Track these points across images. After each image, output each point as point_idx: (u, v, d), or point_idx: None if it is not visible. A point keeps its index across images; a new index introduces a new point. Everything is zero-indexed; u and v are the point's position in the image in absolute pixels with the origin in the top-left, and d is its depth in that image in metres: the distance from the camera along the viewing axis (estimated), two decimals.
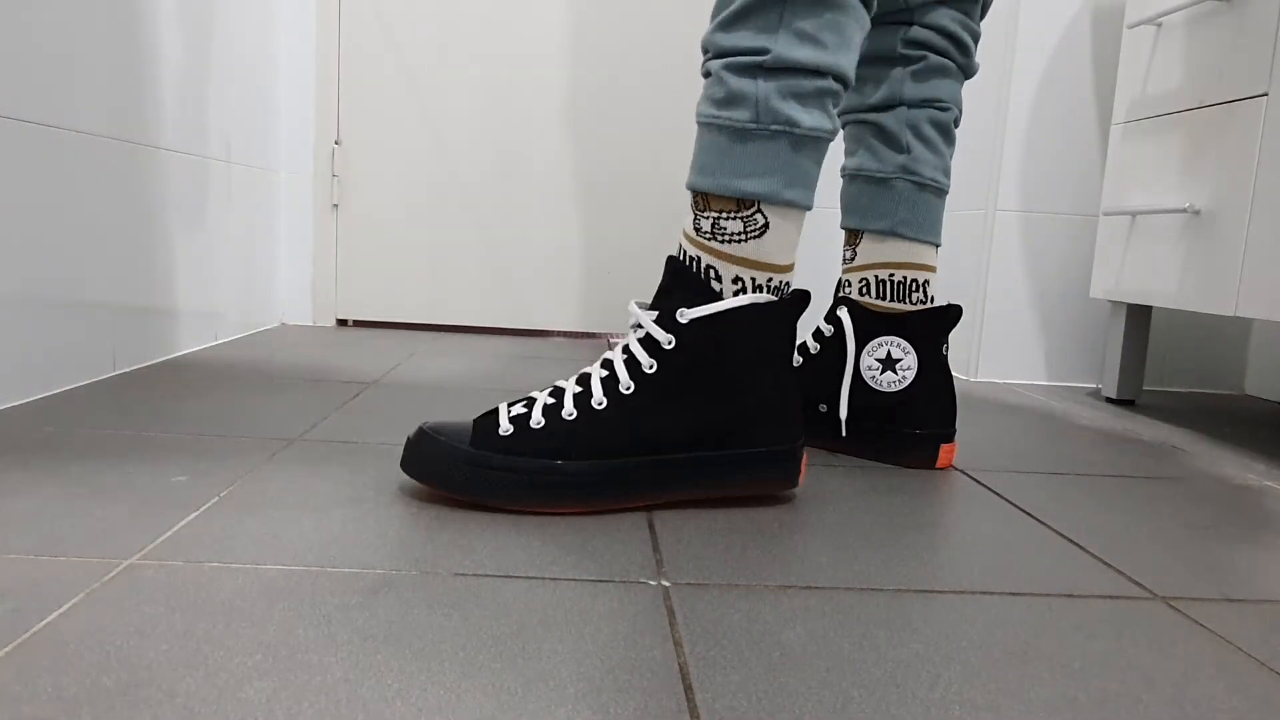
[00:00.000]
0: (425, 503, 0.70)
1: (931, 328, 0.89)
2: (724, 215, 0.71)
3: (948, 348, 0.91)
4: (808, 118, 0.69)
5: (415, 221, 1.80)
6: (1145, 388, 1.58)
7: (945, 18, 0.90)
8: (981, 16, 0.93)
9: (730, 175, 0.70)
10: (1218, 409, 1.40)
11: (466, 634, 0.48)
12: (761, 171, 0.70)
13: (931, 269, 0.93)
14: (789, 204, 0.71)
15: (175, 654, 0.44)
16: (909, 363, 0.89)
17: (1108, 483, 0.89)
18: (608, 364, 0.72)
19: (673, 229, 1.83)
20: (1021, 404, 1.33)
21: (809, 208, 0.74)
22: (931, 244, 0.93)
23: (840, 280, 0.96)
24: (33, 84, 0.95)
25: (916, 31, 0.90)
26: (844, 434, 0.92)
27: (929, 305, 0.92)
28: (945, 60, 0.91)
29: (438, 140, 1.79)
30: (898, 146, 0.91)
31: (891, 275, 0.92)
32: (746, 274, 0.72)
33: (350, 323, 1.84)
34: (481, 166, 1.80)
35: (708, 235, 0.72)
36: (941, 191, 0.93)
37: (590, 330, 1.85)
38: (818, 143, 0.71)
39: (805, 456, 0.78)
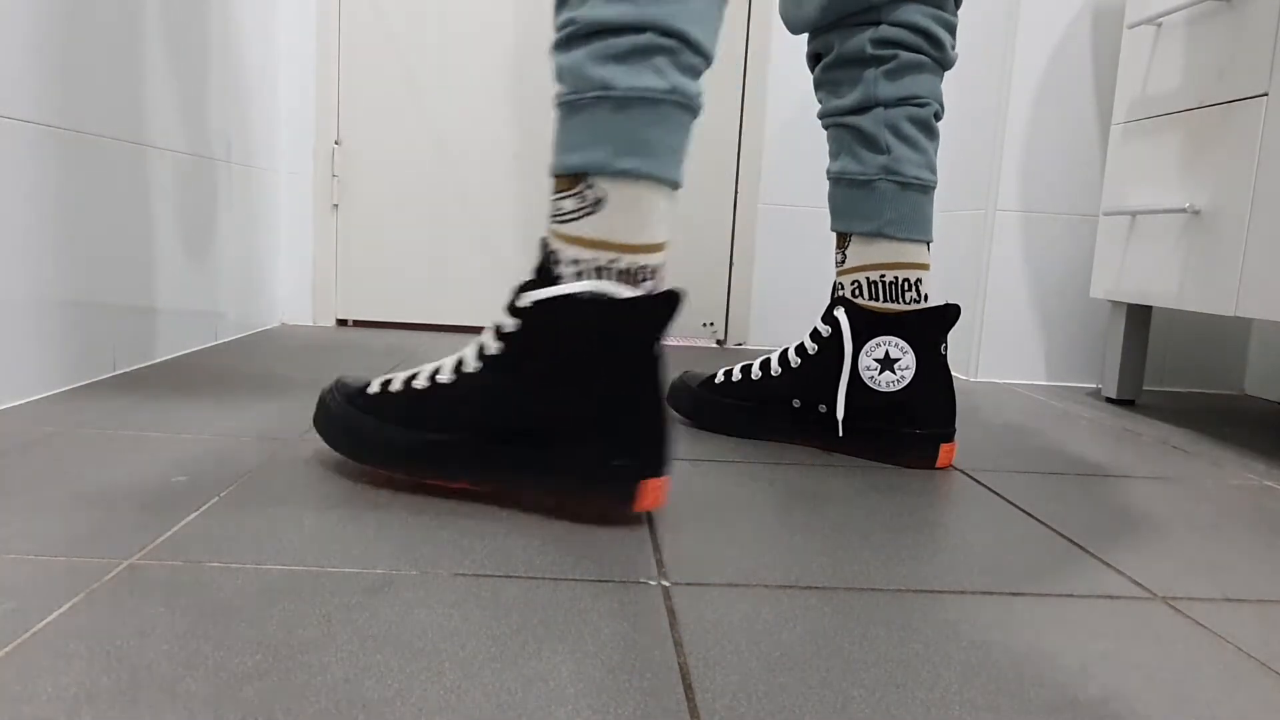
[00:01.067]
0: (425, 503, 0.70)
1: (930, 327, 0.89)
2: (561, 195, 0.68)
3: (947, 347, 0.91)
4: (626, 78, 0.64)
5: (415, 221, 1.80)
6: (1145, 388, 1.58)
7: (915, 13, 0.89)
8: (957, 5, 0.92)
9: (560, 151, 0.67)
10: (1218, 409, 1.40)
11: (466, 634, 0.48)
12: (586, 142, 0.65)
13: (923, 266, 0.92)
14: (624, 174, 0.65)
15: (175, 654, 0.44)
16: (907, 362, 0.89)
17: (1108, 483, 0.89)
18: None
19: (672, 229, 1.83)
20: (1021, 404, 1.33)
21: (663, 179, 0.67)
22: (921, 242, 0.92)
23: (835, 283, 0.96)
24: (32, 84, 0.95)
25: (885, 30, 0.89)
26: (842, 434, 0.92)
27: (924, 304, 0.92)
28: (919, 56, 0.90)
29: (438, 140, 1.79)
30: (877, 148, 0.91)
31: (883, 276, 0.91)
32: (585, 254, 0.66)
33: (350, 323, 1.84)
34: (481, 166, 1.80)
35: (551, 217, 0.69)
36: (927, 188, 0.92)
37: None
38: (651, 105, 0.65)
39: (661, 482, 0.68)
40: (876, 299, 0.92)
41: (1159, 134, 1.25)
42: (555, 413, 0.67)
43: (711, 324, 1.88)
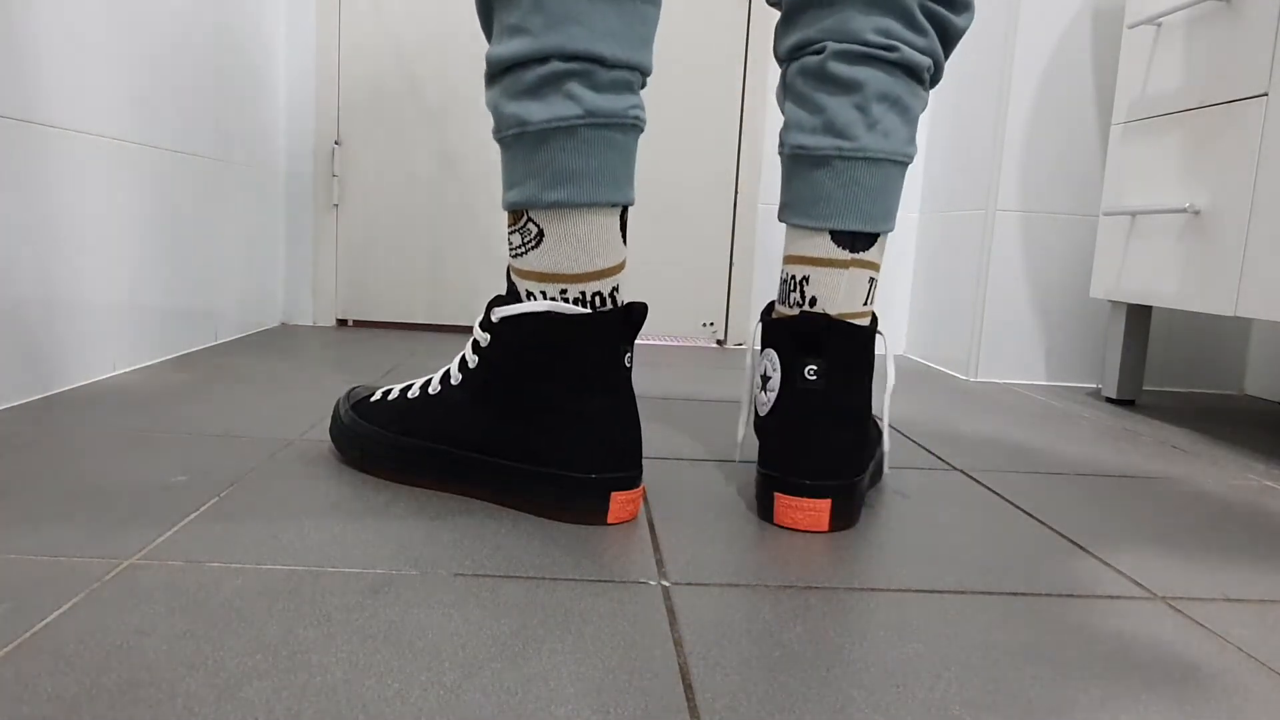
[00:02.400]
0: (425, 503, 0.70)
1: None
2: (510, 229, 0.69)
3: (818, 371, 0.69)
4: (539, 111, 0.64)
5: (415, 221, 1.80)
6: (1145, 388, 1.58)
7: None
8: None
9: (503, 188, 0.69)
10: (1218, 409, 1.40)
11: (466, 634, 0.48)
12: (519, 178, 0.66)
13: (815, 262, 0.72)
14: (555, 205, 0.65)
15: (175, 654, 0.44)
16: (776, 383, 0.71)
17: (1108, 483, 0.89)
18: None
19: (671, 229, 1.83)
20: (1021, 404, 1.33)
21: (598, 203, 0.66)
22: (812, 229, 0.72)
23: None
24: (32, 83, 0.95)
25: None
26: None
27: (806, 310, 0.73)
28: None
29: (438, 140, 1.79)
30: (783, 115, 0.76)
31: (783, 272, 0.75)
32: (537, 287, 0.67)
33: (350, 323, 1.84)
34: (481, 166, 1.80)
35: (509, 252, 0.70)
36: (817, 158, 0.71)
37: None
38: (568, 133, 0.64)
39: (632, 494, 0.68)
40: (783, 301, 0.75)
41: (1159, 134, 1.25)
42: (524, 427, 0.68)
43: (711, 324, 1.88)
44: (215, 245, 1.44)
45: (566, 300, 0.67)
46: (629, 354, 0.68)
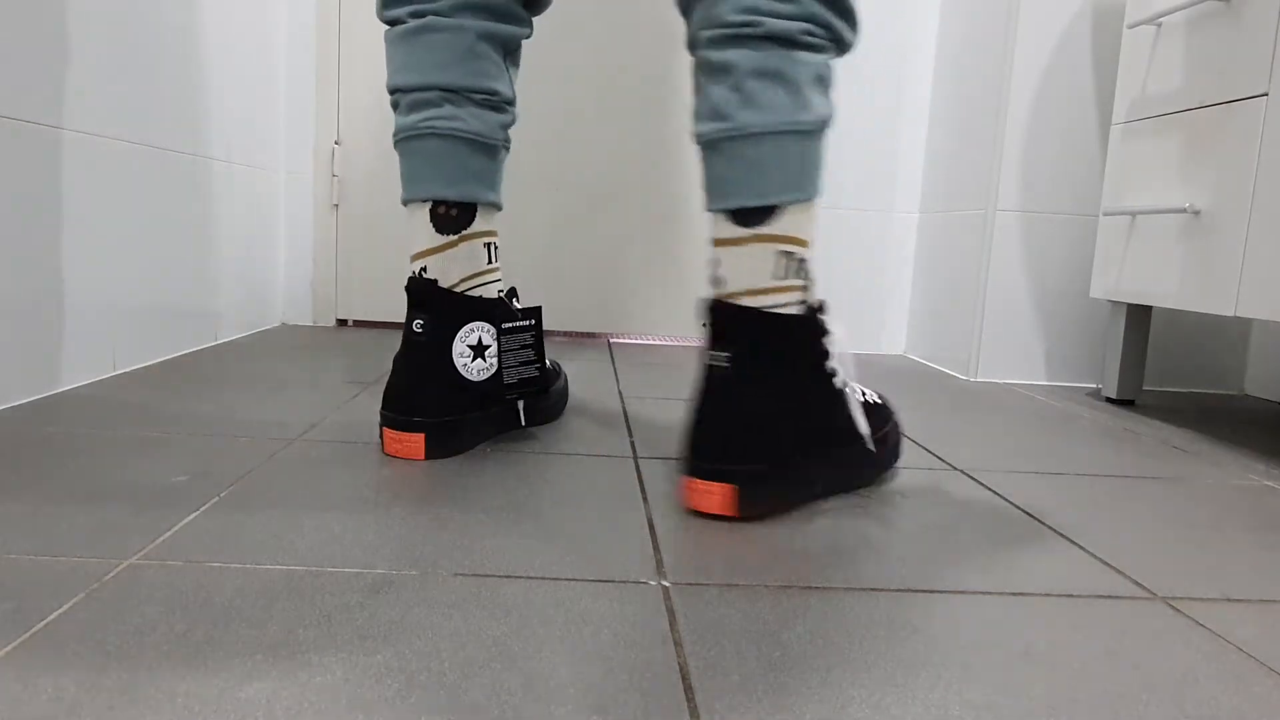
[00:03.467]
0: (425, 503, 0.70)
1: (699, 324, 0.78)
2: None
3: (720, 356, 0.70)
4: (397, 126, 0.87)
5: None
6: (1145, 388, 1.58)
7: None
8: None
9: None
10: (1218, 409, 1.40)
11: (466, 634, 0.48)
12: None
13: (720, 242, 0.74)
14: (407, 202, 0.87)
15: (175, 654, 0.44)
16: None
17: (1107, 483, 0.89)
18: None
19: (671, 229, 1.83)
20: (1021, 404, 1.33)
21: (424, 199, 0.85)
22: (714, 212, 0.74)
23: None
24: (32, 83, 0.95)
25: None
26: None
27: (718, 293, 0.75)
28: None
29: None
30: None
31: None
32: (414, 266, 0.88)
33: (350, 323, 1.84)
34: None
35: None
36: (708, 144, 0.73)
37: (590, 330, 1.85)
38: (405, 143, 0.86)
39: (405, 435, 0.84)
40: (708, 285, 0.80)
41: (1159, 134, 1.25)
42: None
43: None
44: (215, 245, 1.44)
45: (412, 273, 0.87)
46: (416, 321, 0.84)
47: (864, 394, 0.83)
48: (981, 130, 1.56)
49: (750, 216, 0.72)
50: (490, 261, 0.89)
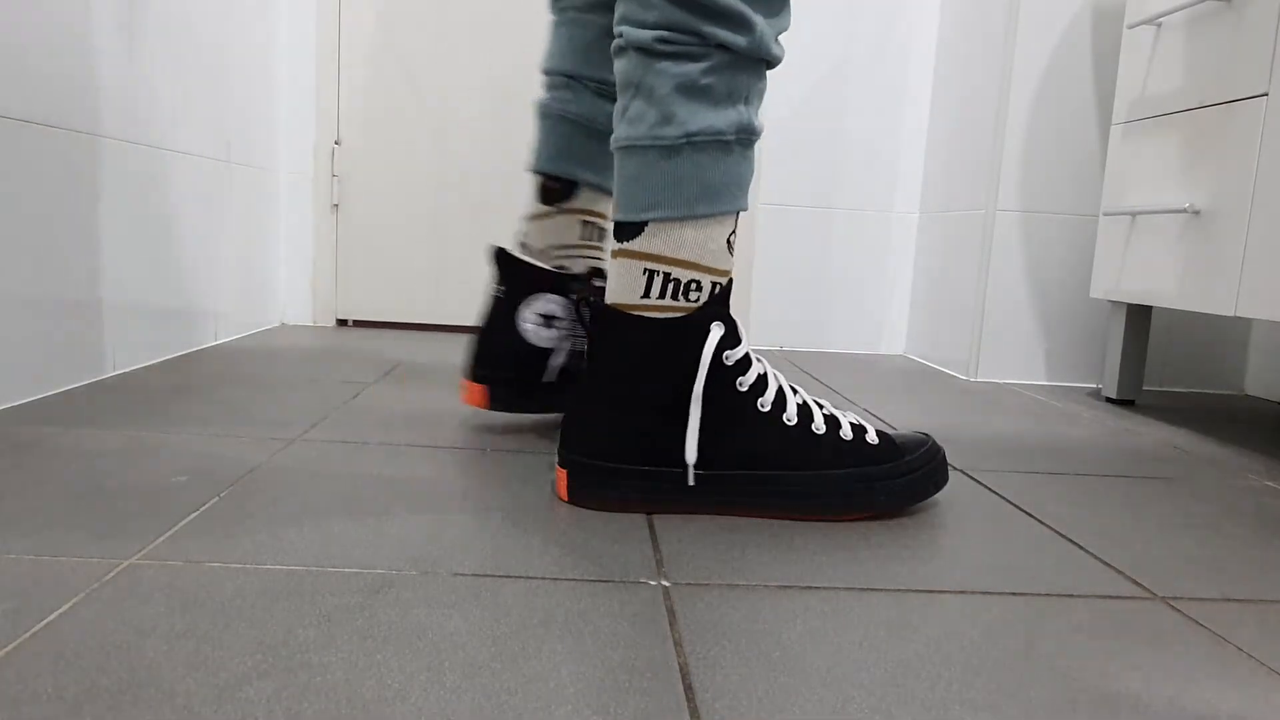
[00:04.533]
0: (425, 503, 0.70)
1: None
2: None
3: (587, 350, 0.75)
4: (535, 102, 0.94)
5: (415, 221, 1.80)
6: (1145, 388, 1.58)
7: None
8: None
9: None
10: (1218, 409, 1.40)
11: (466, 634, 0.48)
12: None
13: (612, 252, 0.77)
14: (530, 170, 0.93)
15: (175, 654, 0.44)
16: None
17: (1108, 483, 0.89)
18: None
19: None
20: (1021, 404, 1.33)
21: (535, 170, 0.93)
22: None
23: None
24: (32, 83, 0.95)
25: None
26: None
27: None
28: None
29: (438, 140, 1.79)
30: None
31: None
32: None
33: (350, 323, 1.84)
34: (482, 167, 1.80)
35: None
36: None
37: None
38: (536, 119, 0.95)
39: (469, 384, 0.93)
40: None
41: (1159, 134, 1.25)
42: None
43: None
44: (215, 245, 1.44)
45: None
46: (495, 284, 0.91)
47: (844, 425, 0.73)
48: (981, 130, 1.56)
49: (620, 231, 0.71)
50: (586, 239, 0.95)
